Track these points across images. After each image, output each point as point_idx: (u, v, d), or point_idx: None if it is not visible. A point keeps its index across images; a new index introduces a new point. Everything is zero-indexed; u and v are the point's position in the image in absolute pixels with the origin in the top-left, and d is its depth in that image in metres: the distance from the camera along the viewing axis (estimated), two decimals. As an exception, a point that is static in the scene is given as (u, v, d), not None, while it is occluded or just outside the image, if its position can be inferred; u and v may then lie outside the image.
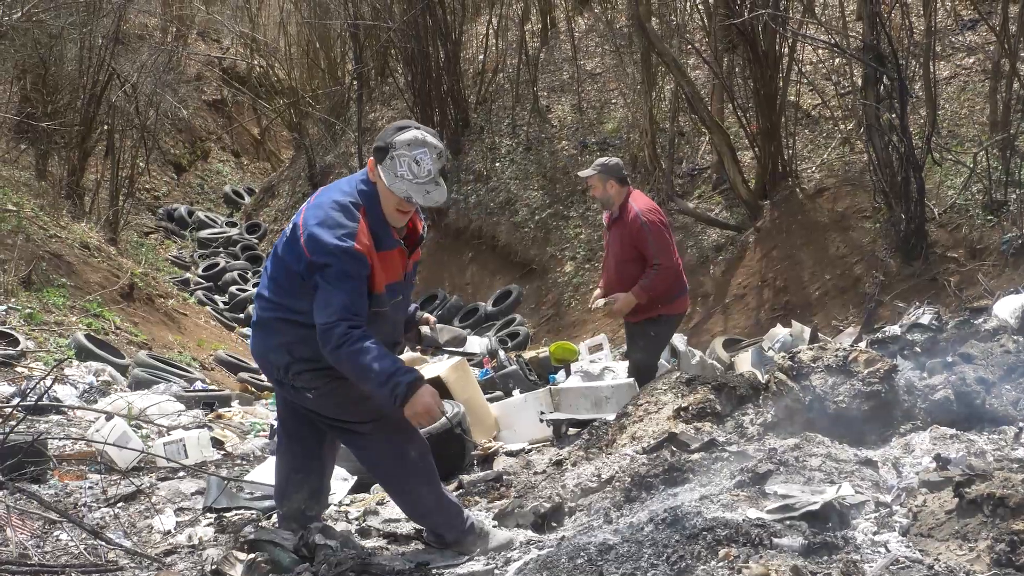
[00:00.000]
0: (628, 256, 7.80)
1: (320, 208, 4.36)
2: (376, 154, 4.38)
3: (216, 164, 30.16)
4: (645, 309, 7.80)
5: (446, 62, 20.55)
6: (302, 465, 4.74)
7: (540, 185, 18.52)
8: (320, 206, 4.37)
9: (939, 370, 5.75)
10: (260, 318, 4.59)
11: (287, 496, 4.73)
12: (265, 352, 4.59)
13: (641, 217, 7.70)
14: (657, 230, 7.73)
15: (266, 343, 4.57)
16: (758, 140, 13.91)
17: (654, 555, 3.79)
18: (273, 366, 4.56)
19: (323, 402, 4.54)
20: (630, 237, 7.74)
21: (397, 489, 4.74)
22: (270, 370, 4.64)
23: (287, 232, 4.46)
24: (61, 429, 8.04)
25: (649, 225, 7.69)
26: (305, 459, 4.75)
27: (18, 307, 11.57)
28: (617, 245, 7.89)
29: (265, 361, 4.65)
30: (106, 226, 18.96)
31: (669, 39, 16.28)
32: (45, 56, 19.33)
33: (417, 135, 4.36)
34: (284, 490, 4.76)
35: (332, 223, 4.28)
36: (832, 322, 11.14)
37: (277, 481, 4.85)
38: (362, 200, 4.39)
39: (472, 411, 7.17)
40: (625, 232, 7.78)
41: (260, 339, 4.61)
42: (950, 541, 3.75)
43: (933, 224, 11.15)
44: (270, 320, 4.52)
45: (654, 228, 7.71)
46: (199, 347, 14.59)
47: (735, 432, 5.67)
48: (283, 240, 4.49)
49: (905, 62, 11.32)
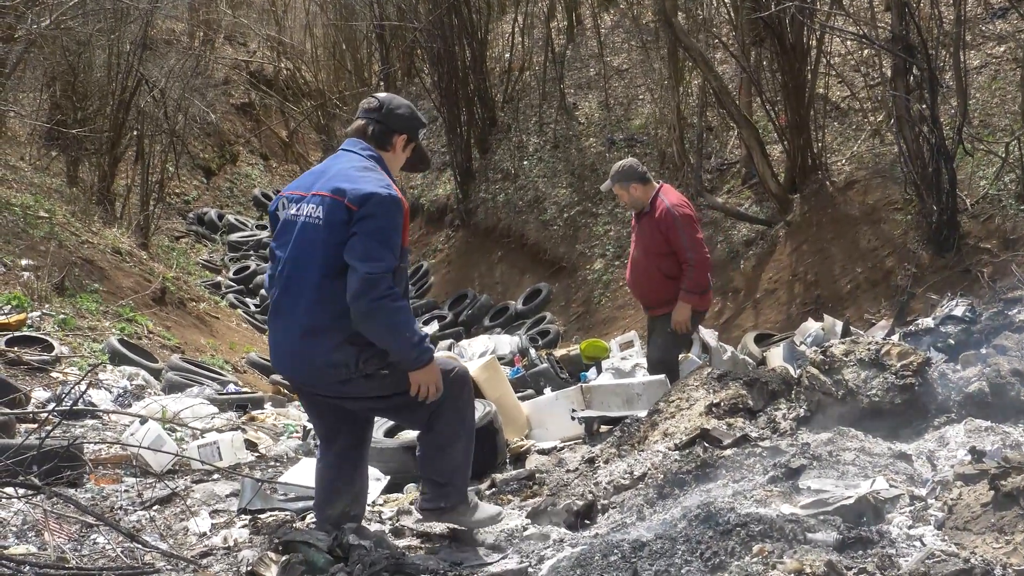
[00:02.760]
0: (660, 250, 7.79)
1: (350, 172, 4.57)
2: (412, 133, 4.87)
3: (245, 167, 30.28)
4: (671, 301, 7.79)
5: (472, 61, 20.56)
6: (342, 474, 4.80)
7: (568, 183, 18.50)
8: (346, 172, 4.57)
9: (973, 362, 5.70)
10: (313, 326, 4.47)
11: (331, 504, 4.78)
12: (327, 356, 4.47)
13: (673, 211, 7.68)
14: (689, 223, 7.72)
15: (323, 348, 4.47)
16: (787, 134, 13.84)
17: (688, 551, 3.79)
18: (339, 367, 4.48)
19: (395, 378, 4.56)
20: (661, 230, 7.72)
21: (445, 442, 4.77)
22: (331, 374, 4.51)
23: (319, 217, 4.47)
24: (96, 433, 8.10)
25: (682, 219, 7.68)
26: (345, 467, 4.82)
27: (52, 313, 11.66)
28: (648, 239, 7.87)
29: (324, 370, 4.51)
30: (137, 231, 19.07)
31: (696, 34, 16.23)
32: (74, 63, 19.48)
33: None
34: (328, 499, 4.81)
35: (371, 178, 4.53)
36: (864, 315, 11.07)
37: (318, 491, 4.90)
38: (379, 165, 4.71)
39: (503, 410, 7.17)
40: (656, 225, 7.77)
41: (313, 349, 4.49)
42: (986, 534, 3.73)
43: (965, 215, 11.05)
44: (327, 325, 4.46)
45: (685, 221, 7.70)
46: (231, 350, 14.66)
47: (767, 427, 5.65)
48: (319, 228, 4.47)
49: (935, 52, 11.21)
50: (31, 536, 5.13)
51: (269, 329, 4.80)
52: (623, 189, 7.91)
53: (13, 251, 13.05)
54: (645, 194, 7.88)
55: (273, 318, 4.67)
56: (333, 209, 4.45)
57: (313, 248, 4.47)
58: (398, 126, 4.84)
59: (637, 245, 8.09)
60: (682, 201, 7.93)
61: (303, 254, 4.51)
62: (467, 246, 19.71)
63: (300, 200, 4.61)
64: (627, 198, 7.98)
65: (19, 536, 5.13)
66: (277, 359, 4.78)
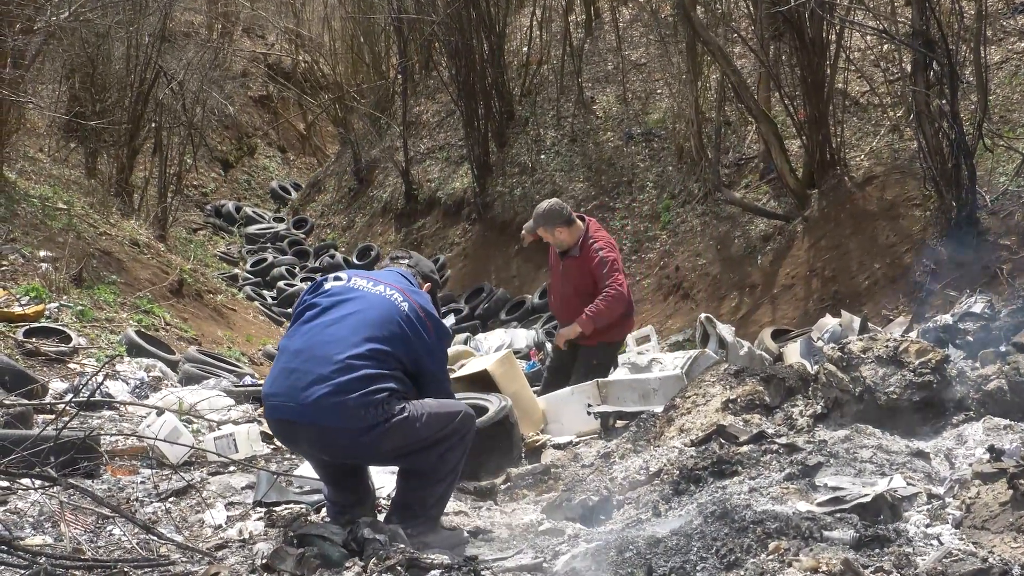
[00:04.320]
0: (590, 290, 8.14)
1: (424, 296, 5.13)
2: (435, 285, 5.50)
3: (263, 160, 30.37)
4: (600, 332, 8.20)
5: (490, 54, 20.54)
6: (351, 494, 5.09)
7: (585, 177, 18.46)
8: (421, 295, 5.12)
9: (992, 360, 5.67)
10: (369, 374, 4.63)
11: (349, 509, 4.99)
12: (363, 398, 4.58)
13: (604, 259, 8.02)
14: (614, 268, 8.07)
15: (365, 390, 4.60)
16: (805, 128, 13.77)
17: (703, 548, 3.77)
18: (366, 409, 4.58)
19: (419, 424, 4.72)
20: (590, 272, 8.07)
21: (438, 479, 4.89)
22: (354, 419, 4.59)
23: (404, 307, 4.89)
24: (113, 425, 8.13)
25: (610, 264, 8.03)
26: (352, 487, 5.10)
27: (70, 304, 11.70)
28: (577, 279, 8.22)
29: (355, 410, 4.59)
30: (155, 223, 19.13)
31: (714, 28, 16.16)
32: (93, 55, 19.50)
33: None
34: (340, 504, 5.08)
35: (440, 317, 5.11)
36: (882, 312, 11.01)
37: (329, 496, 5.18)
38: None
39: (519, 404, 7.16)
40: (583, 267, 8.12)
41: (357, 390, 4.59)
42: (1004, 533, 3.71)
43: (985, 211, 10.98)
44: (378, 375, 4.66)
45: (613, 267, 8.06)
46: (248, 342, 14.69)
47: (784, 424, 5.64)
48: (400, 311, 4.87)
49: (955, 47, 11.13)
50: (48, 527, 5.15)
51: (286, 367, 4.79)
52: (548, 232, 8.11)
53: (31, 242, 13.10)
54: (571, 236, 8.10)
55: (300, 356, 4.75)
56: (416, 316, 4.89)
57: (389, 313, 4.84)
58: (426, 274, 5.46)
59: (566, 283, 8.35)
60: (609, 243, 8.23)
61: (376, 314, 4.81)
62: (484, 240, 19.70)
63: (373, 281, 5.01)
64: (552, 240, 8.13)
65: (36, 527, 5.15)
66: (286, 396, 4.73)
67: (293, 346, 4.77)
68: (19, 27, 14.25)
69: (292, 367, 4.69)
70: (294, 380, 4.66)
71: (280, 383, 4.73)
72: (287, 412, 4.70)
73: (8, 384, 8.37)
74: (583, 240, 8.11)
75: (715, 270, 14.52)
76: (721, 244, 14.79)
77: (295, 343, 4.77)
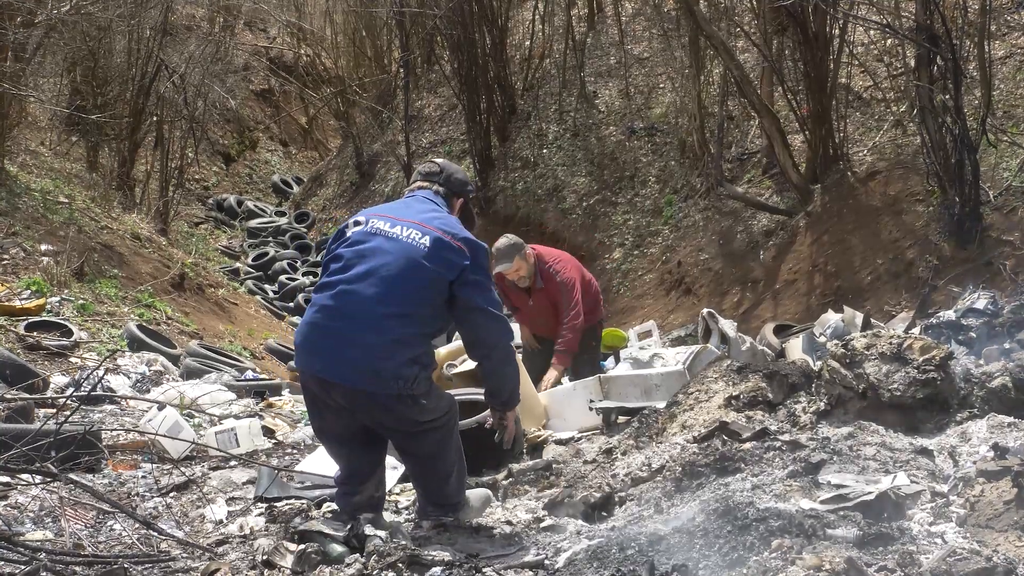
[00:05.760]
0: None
1: (450, 220, 4.86)
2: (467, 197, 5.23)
3: (264, 154, 30.37)
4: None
5: (492, 48, 20.53)
6: (366, 465, 4.95)
7: (588, 171, 18.45)
8: (445, 219, 4.85)
9: (996, 357, 5.66)
10: (399, 337, 4.57)
11: (360, 490, 4.90)
12: (396, 369, 4.55)
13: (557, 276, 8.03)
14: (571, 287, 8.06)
15: (398, 359, 4.56)
16: (808, 123, 13.76)
17: (705, 546, 3.76)
18: (400, 380, 4.57)
19: (430, 404, 4.72)
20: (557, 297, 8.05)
21: (447, 472, 4.89)
22: (391, 386, 4.58)
23: (424, 245, 4.65)
24: (114, 419, 8.13)
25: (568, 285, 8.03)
26: (367, 456, 4.95)
27: (71, 298, 11.69)
28: (552, 309, 8.15)
29: (388, 380, 4.57)
30: (156, 217, 19.14)
31: (717, 22, 16.13)
32: (94, 49, 19.52)
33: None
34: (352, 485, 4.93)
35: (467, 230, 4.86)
36: (884, 307, 11.00)
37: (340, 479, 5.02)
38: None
39: (521, 399, 7.13)
40: (553, 296, 8.09)
41: (390, 356, 4.55)
42: (1009, 532, 3.69)
43: (988, 207, 10.97)
44: (409, 336, 4.61)
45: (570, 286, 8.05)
46: (249, 336, 14.69)
47: (787, 421, 5.62)
48: (421, 252, 4.63)
49: (959, 42, 11.11)
50: (48, 522, 5.14)
51: (318, 324, 4.70)
52: (522, 260, 7.96)
53: (33, 236, 13.10)
54: (529, 265, 8.02)
55: (333, 316, 4.64)
56: (441, 245, 4.65)
57: (412, 268, 4.62)
58: (458, 190, 5.14)
59: (542, 315, 8.28)
60: (558, 259, 8.24)
61: (398, 270, 4.62)
62: (486, 234, 19.36)
63: (391, 221, 4.77)
64: (517, 276, 8.03)
65: (36, 522, 5.14)
66: (329, 355, 4.66)
67: (322, 300, 4.69)
68: (20, 20, 14.24)
69: (323, 324, 4.65)
70: (326, 338, 4.64)
71: (312, 339, 4.70)
72: (320, 369, 4.69)
73: (9, 378, 8.36)
74: (540, 269, 8.06)
75: (717, 265, 14.51)
76: (723, 239, 14.77)
77: (323, 298, 4.69)
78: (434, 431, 4.79)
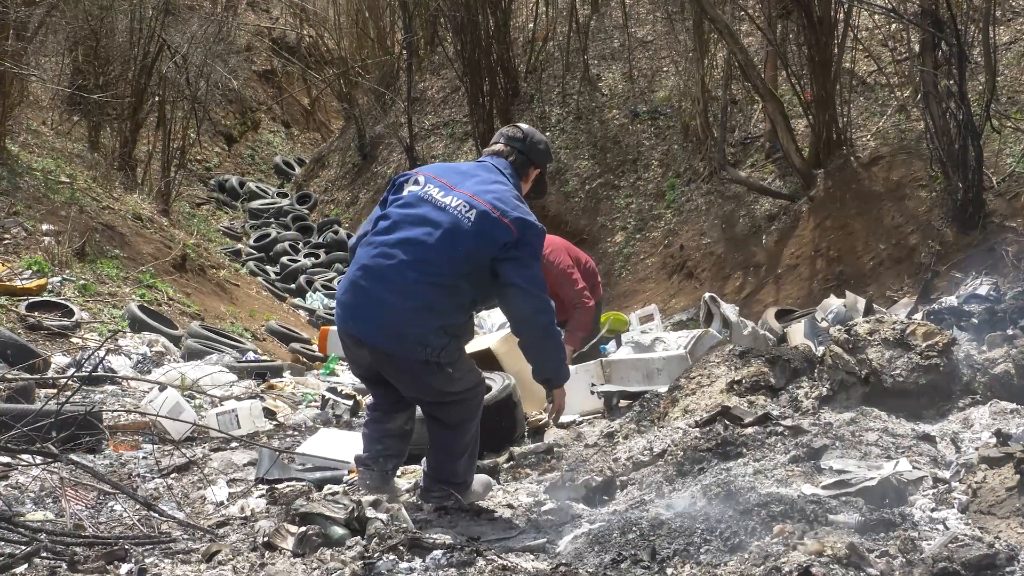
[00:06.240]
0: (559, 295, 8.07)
1: (506, 195, 4.80)
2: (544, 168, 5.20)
3: (266, 135, 30.28)
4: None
5: (496, 31, 20.44)
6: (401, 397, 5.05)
7: (590, 155, 18.40)
8: (502, 193, 4.79)
9: (999, 343, 5.65)
10: (430, 305, 4.66)
11: (392, 417, 5.12)
12: (423, 335, 4.65)
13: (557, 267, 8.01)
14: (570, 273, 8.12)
15: (427, 326, 4.66)
16: (812, 108, 13.71)
17: (707, 530, 3.76)
18: (427, 347, 4.66)
19: (456, 375, 4.83)
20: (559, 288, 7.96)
21: (463, 448, 5.01)
22: (417, 351, 4.68)
23: (469, 219, 4.68)
24: (115, 400, 8.12)
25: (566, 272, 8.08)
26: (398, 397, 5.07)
27: (72, 278, 11.69)
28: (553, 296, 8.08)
29: (413, 345, 4.67)
30: (158, 197, 19.10)
31: (722, 5, 16.05)
32: (96, 28, 19.42)
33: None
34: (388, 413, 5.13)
35: (525, 209, 4.80)
36: (887, 293, 10.98)
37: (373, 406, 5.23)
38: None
39: (523, 383, 7.12)
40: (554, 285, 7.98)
41: (419, 323, 4.65)
42: (1011, 519, 3.68)
43: (991, 193, 10.94)
44: (441, 310, 4.69)
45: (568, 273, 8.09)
46: (251, 318, 14.68)
47: (789, 406, 5.62)
48: (465, 225, 4.67)
49: (964, 27, 11.06)
50: (48, 503, 5.14)
51: (356, 282, 4.81)
52: None
53: (34, 216, 13.08)
54: None
55: (368, 276, 4.75)
56: (487, 220, 4.68)
57: (453, 239, 4.66)
58: (537, 159, 5.13)
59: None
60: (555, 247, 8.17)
61: (438, 239, 4.67)
62: (488, 217, 19.64)
63: (445, 189, 4.79)
64: None
65: (37, 503, 5.14)
66: (360, 314, 4.79)
67: (363, 260, 4.79)
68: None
69: (363, 284, 4.75)
70: (359, 297, 4.77)
71: (348, 297, 4.83)
72: (356, 329, 4.81)
73: (10, 358, 8.38)
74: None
75: (720, 249, 14.48)
76: (726, 223, 14.74)
77: (365, 257, 4.78)
78: (456, 404, 4.91)
